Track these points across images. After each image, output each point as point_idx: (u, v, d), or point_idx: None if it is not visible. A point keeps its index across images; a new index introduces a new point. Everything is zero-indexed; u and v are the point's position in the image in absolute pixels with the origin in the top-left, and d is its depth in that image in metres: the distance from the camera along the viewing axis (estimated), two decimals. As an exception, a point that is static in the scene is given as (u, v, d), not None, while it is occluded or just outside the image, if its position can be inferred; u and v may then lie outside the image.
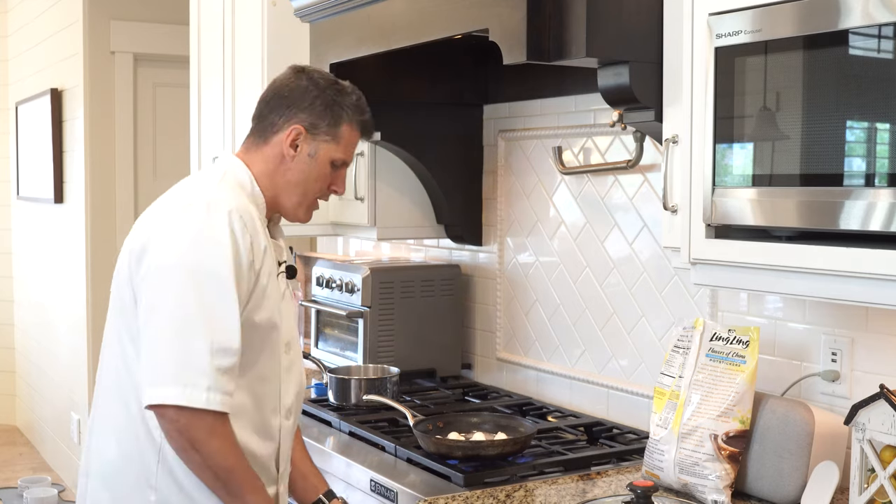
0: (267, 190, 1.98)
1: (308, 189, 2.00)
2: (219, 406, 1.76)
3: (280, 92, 1.99)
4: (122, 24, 5.37)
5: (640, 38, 2.11)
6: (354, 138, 2.02)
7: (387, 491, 2.21)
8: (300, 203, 2.01)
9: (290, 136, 1.96)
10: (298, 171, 1.98)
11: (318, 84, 1.98)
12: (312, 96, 1.97)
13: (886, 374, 2.00)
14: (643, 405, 2.57)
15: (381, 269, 3.15)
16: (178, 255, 1.80)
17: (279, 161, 1.98)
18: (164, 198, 1.96)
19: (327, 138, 1.98)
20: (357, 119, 2.01)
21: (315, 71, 2.03)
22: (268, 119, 1.99)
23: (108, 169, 5.40)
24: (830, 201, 1.62)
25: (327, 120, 1.97)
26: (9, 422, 7.12)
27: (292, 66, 2.04)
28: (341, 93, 1.99)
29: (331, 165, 2.00)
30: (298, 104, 1.97)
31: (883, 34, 1.53)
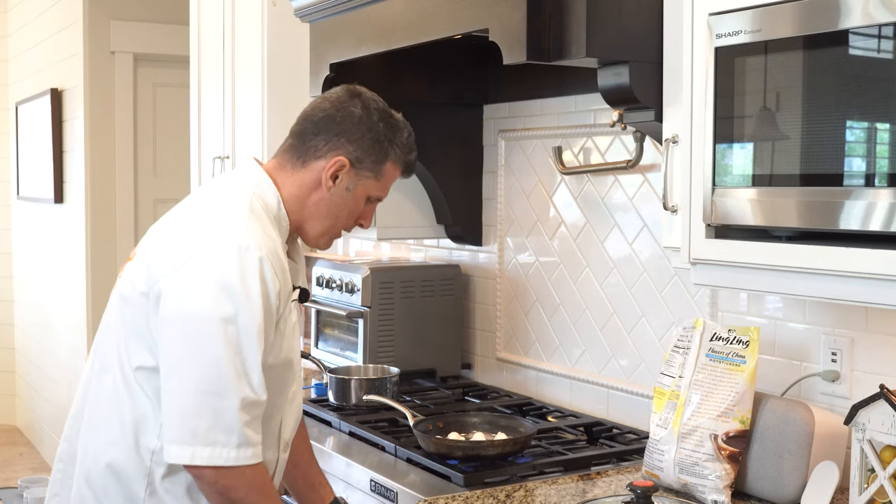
0: (293, 213, 1.89)
1: (338, 221, 1.92)
2: (250, 460, 1.71)
3: (332, 115, 1.88)
4: (122, 24, 5.37)
5: (640, 38, 2.11)
6: (395, 176, 1.94)
7: (387, 491, 2.21)
8: (325, 233, 1.93)
9: (333, 167, 1.86)
10: (332, 203, 1.89)
11: (372, 116, 1.88)
12: (365, 129, 1.87)
13: (886, 374, 2.00)
14: (643, 405, 2.57)
15: (381, 269, 3.15)
16: (208, 305, 1.69)
17: (314, 188, 1.88)
18: (186, 218, 1.84)
19: (369, 174, 1.89)
20: (403, 158, 1.93)
21: (371, 98, 1.91)
22: (311, 141, 1.88)
23: (108, 169, 5.40)
24: (830, 201, 1.62)
25: (374, 156, 1.88)
26: (9, 422, 7.12)
27: (347, 88, 1.93)
28: (393, 129, 1.91)
29: (365, 200, 1.92)
30: (348, 133, 1.86)
31: (883, 34, 1.53)
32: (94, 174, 5.37)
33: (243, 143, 3.48)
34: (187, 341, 1.71)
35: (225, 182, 1.93)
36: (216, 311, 1.69)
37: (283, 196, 1.88)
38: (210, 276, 1.71)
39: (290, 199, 1.88)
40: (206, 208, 1.85)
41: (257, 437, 1.73)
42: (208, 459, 1.69)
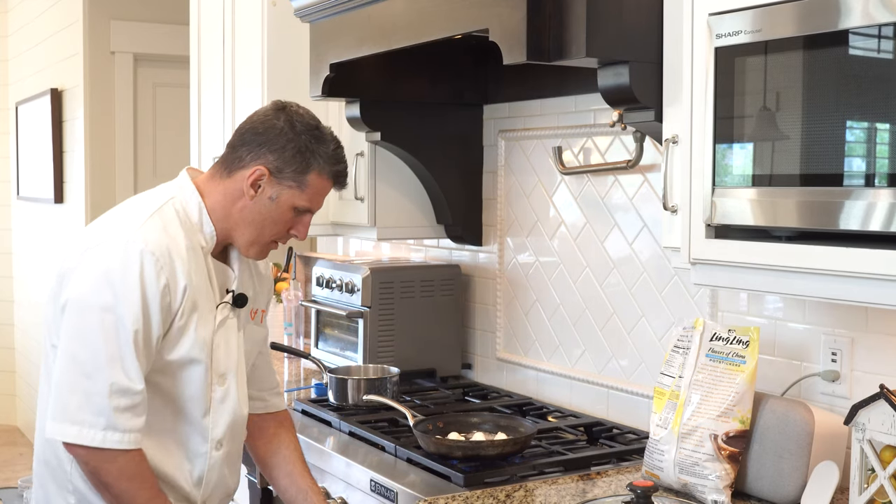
0: (219, 221, 1.96)
1: (263, 230, 1.97)
2: (117, 444, 1.81)
3: (255, 127, 1.96)
4: (122, 24, 5.37)
5: (640, 38, 2.11)
6: (323, 187, 1.98)
7: (387, 491, 2.21)
8: (253, 242, 1.99)
9: (253, 175, 1.93)
10: (255, 212, 1.95)
11: (295, 127, 1.93)
12: (286, 139, 1.93)
13: (886, 374, 2.00)
14: (643, 405, 2.57)
15: (381, 269, 3.15)
16: (89, 293, 1.82)
17: (237, 197, 1.95)
18: (104, 217, 1.98)
19: (292, 184, 1.94)
20: (329, 169, 1.97)
21: (296, 112, 1.97)
22: (237, 152, 1.96)
23: (108, 169, 5.40)
24: (830, 201, 1.62)
25: (295, 166, 1.93)
26: (9, 422, 7.12)
27: (274, 102, 2.00)
28: (317, 140, 1.95)
29: (293, 211, 1.97)
30: (269, 144, 1.93)
31: (883, 34, 1.53)
32: (94, 174, 5.37)
33: (243, 143, 3.47)
34: (70, 325, 1.83)
35: (153, 189, 2.05)
36: (96, 299, 1.82)
37: (208, 204, 1.97)
38: (96, 267, 1.84)
39: (216, 206, 1.97)
40: (120, 207, 2.00)
41: (132, 424, 1.82)
42: (76, 437, 1.80)
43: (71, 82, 5.59)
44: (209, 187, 1.98)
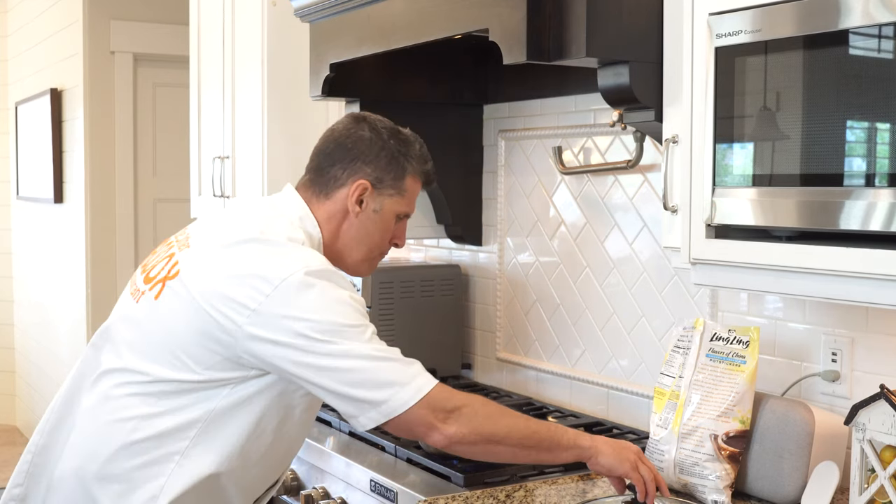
0: (328, 248, 1.92)
1: (373, 244, 1.95)
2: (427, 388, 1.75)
3: (343, 143, 1.92)
4: (122, 24, 5.37)
5: (640, 38, 2.11)
6: (418, 189, 1.98)
7: (387, 491, 2.21)
8: (364, 259, 1.97)
9: (356, 192, 1.90)
10: (362, 228, 1.93)
11: (382, 135, 1.92)
12: (378, 148, 1.91)
13: (886, 374, 2.00)
14: (643, 405, 2.57)
15: (381, 269, 3.15)
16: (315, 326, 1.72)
17: (343, 217, 1.92)
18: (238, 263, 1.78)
19: (392, 192, 1.93)
20: (421, 169, 1.96)
21: (376, 119, 1.96)
22: (329, 172, 1.92)
23: (108, 169, 5.40)
24: (830, 201, 1.62)
25: (392, 173, 1.92)
26: (9, 422, 7.12)
27: (352, 115, 1.98)
28: (405, 143, 1.94)
29: (395, 219, 1.96)
30: (363, 157, 1.90)
31: (883, 34, 1.53)
32: (94, 174, 5.37)
33: (243, 143, 3.48)
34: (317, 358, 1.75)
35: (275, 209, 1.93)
36: (322, 326, 1.75)
37: (322, 231, 1.92)
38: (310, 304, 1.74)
39: (326, 233, 1.92)
40: (260, 232, 1.83)
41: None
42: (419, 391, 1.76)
43: (71, 82, 5.59)
44: (315, 210, 1.92)
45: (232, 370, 1.77)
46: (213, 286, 1.76)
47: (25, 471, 1.91)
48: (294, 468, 2.63)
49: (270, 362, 1.75)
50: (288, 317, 1.72)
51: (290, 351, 1.72)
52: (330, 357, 1.72)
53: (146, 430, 1.77)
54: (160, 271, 1.87)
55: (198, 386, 1.77)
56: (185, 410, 1.77)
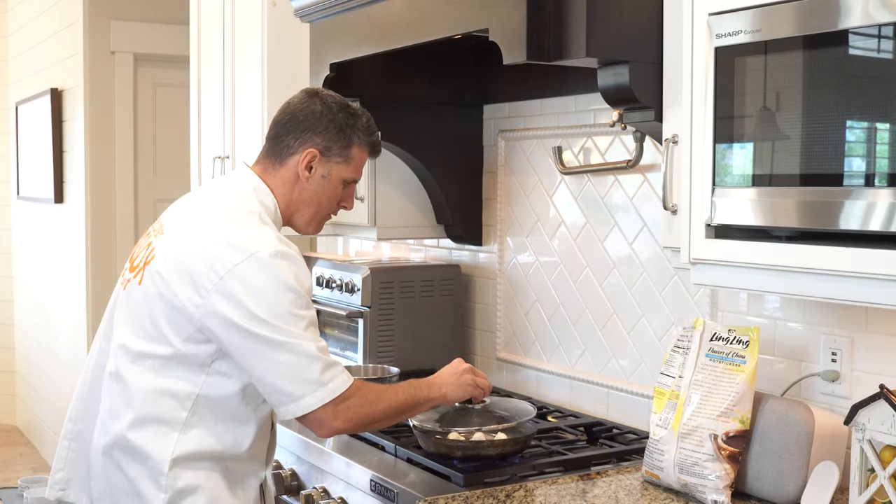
0: (284, 209, 2.14)
1: (321, 207, 2.16)
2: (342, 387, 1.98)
3: (295, 115, 2.13)
4: (122, 24, 5.37)
5: (640, 38, 2.11)
6: (364, 158, 2.18)
7: (387, 491, 2.21)
8: (312, 219, 2.18)
9: (306, 159, 2.10)
10: (312, 192, 2.13)
11: (332, 108, 2.12)
12: (327, 120, 2.11)
13: (886, 374, 2.00)
14: (643, 405, 2.57)
15: (381, 269, 3.15)
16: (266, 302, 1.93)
17: (294, 182, 2.13)
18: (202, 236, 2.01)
19: (339, 160, 2.13)
20: (367, 140, 2.16)
21: (328, 94, 2.16)
22: (283, 142, 2.12)
23: (108, 169, 5.40)
24: (830, 201, 1.62)
25: (340, 143, 2.12)
26: (9, 422, 7.12)
27: (305, 90, 2.18)
28: (353, 116, 2.14)
29: (343, 184, 2.16)
30: (314, 128, 2.11)
31: (883, 34, 1.53)
32: (94, 174, 5.37)
33: (243, 143, 3.48)
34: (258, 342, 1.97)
35: (231, 185, 2.16)
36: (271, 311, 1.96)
37: (276, 196, 2.13)
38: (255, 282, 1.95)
39: (280, 198, 2.13)
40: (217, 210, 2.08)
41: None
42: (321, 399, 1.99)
43: (71, 82, 5.59)
44: (272, 182, 2.13)
45: (207, 341, 1.96)
46: (179, 265, 1.97)
47: (65, 457, 2.15)
48: (294, 468, 2.63)
49: (221, 340, 1.94)
50: (239, 299, 1.91)
51: (236, 332, 1.92)
52: (270, 346, 1.91)
53: (152, 400, 1.98)
54: (141, 259, 2.08)
55: (185, 356, 1.97)
56: (182, 381, 1.97)
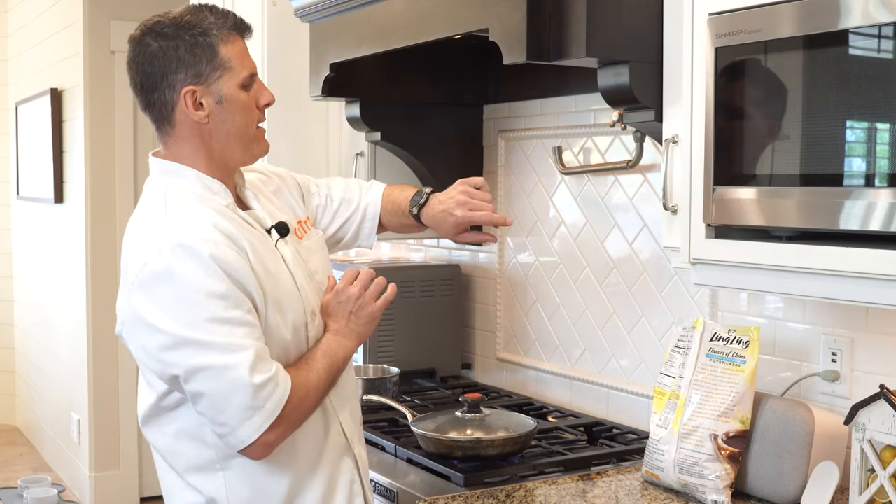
0: (212, 169, 1.82)
1: (244, 128, 1.83)
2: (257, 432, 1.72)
3: (142, 70, 1.78)
4: (122, 24, 5.36)
5: (640, 38, 2.11)
6: (240, 47, 1.82)
7: (387, 491, 2.21)
8: (248, 144, 1.85)
9: (187, 102, 1.77)
10: (222, 123, 1.80)
11: (168, 35, 1.76)
12: (173, 50, 1.76)
13: (886, 374, 2.00)
14: (643, 405, 2.57)
15: (381, 269, 3.15)
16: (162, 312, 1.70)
17: (198, 132, 1.80)
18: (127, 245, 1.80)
19: (218, 73, 1.78)
20: (226, 30, 1.79)
21: (153, 25, 1.79)
22: (154, 102, 1.80)
23: (108, 169, 5.39)
24: (830, 201, 1.62)
25: (203, 59, 1.77)
26: (9, 422, 7.12)
27: (131, 36, 1.81)
28: (193, 24, 1.77)
29: (243, 90, 1.81)
30: (168, 67, 1.76)
31: (883, 34, 1.53)
32: (94, 174, 5.37)
33: (243, 143, 3.47)
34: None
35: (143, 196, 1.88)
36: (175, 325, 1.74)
37: (190, 164, 1.82)
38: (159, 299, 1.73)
39: (196, 160, 1.82)
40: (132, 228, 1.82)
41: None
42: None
43: (71, 82, 5.59)
44: (176, 152, 1.83)
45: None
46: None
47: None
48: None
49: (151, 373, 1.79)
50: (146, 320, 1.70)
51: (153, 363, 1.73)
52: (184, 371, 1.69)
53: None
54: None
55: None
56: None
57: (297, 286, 1.86)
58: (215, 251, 1.70)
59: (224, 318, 1.68)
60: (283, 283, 1.83)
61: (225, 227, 1.76)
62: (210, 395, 1.69)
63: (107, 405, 5.29)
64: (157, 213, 1.78)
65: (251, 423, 1.69)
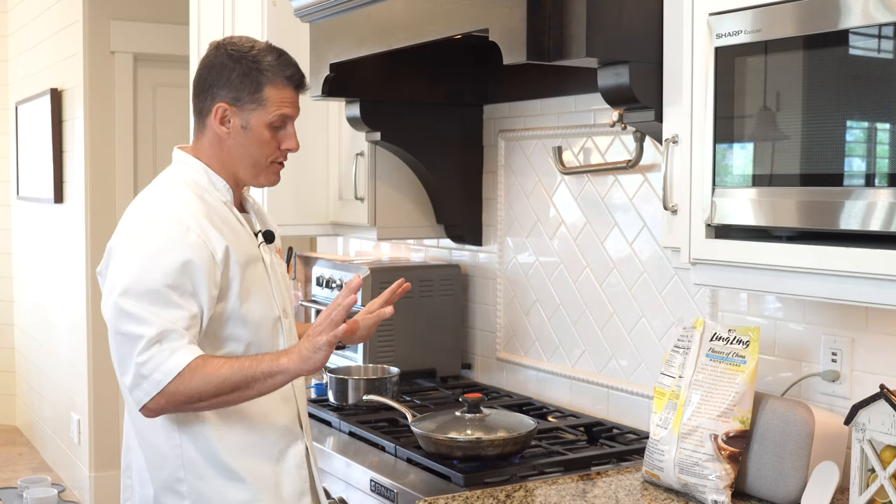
0: (222, 172, 2.05)
1: (257, 158, 2.04)
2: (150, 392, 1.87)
3: (201, 74, 2.05)
4: (122, 24, 5.37)
5: (640, 38, 2.11)
6: (285, 95, 2.03)
7: (387, 491, 2.21)
8: (256, 172, 2.06)
9: (217, 115, 2.01)
10: (239, 145, 2.03)
11: (233, 56, 2.01)
12: (229, 70, 2.00)
13: (886, 374, 2.00)
14: (643, 405, 2.57)
15: (381, 269, 3.15)
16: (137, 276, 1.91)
17: (218, 142, 2.04)
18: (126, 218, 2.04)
19: (253, 106, 2.01)
20: (280, 76, 2.02)
21: (231, 43, 2.05)
22: (198, 104, 2.05)
23: (108, 169, 5.39)
24: (830, 201, 1.62)
25: (248, 89, 2.00)
26: (9, 422, 7.12)
27: (211, 43, 2.07)
28: (255, 59, 2.01)
29: (270, 129, 2.03)
30: (217, 83, 2.01)
31: (883, 34, 1.53)
32: (94, 174, 5.36)
33: (243, 143, 3.47)
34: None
35: (157, 179, 2.10)
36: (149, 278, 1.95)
37: (206, 162, 2.05)
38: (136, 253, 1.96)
39: (211, 160, 2.05)
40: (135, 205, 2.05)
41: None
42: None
43: (71, 82, 5.58)
44: (199, 148, 2.07)
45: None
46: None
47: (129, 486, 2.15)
48: (294, 468, 2.63)
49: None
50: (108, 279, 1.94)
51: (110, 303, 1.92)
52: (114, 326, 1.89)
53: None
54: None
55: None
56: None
57: (271, 284, 2.06)
58: (180, 234, 1.91)
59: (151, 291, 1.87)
60: (260, 278, 2.03)
61: (213, 220, 1.97)
62: (117, 358, 1.91)
63: (107, 405, 5.29)
64: (157, 192, 2.02)
65: (140, 389, 1.86)
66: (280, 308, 2.07)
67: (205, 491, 1.97)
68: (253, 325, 2.00)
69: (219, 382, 1.87)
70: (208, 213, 1.97)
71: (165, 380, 1.84)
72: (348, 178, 3.19)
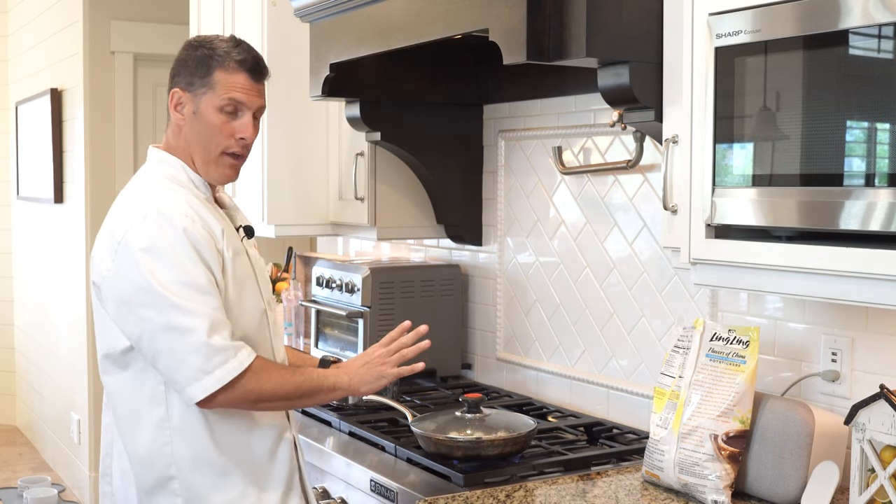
0: (189, 162, 2.06)
1: (208, 144, 2.03)
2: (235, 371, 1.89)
3: (172, 66, 2.07)
4: (122, 24, 5.37)
5: (640, 38, 2.11)
6: (236, 80, 2.01)
7: (387, 491, 2.21)
8: (206, 161, 2.05)
9: (172, 100, 2.03)
10: (193, 132, 2.03)
11: (193, 45, 2.05)
12: (186, 58, 2.04)
13: (886, 374, 2.00)
14: (643, 405, 2.57)
15: (381, 269, 3.15)
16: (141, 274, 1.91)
17: (178, 131, 2.05)
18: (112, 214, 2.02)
19: (204, 90, 2.00)
20: (231, 60, 2.01)
21: (198, 37, 2.08)
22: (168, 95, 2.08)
23: (108, 169, 5.40)
24: (830, 201, 1.62)
25: (199, 73, 2.01)
26: (9, 422, 7.12)
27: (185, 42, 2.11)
28: (212, 46, 2.03)
29: (221, 114, 2.01)
30: (177, 71, 2.05)
31: (883, 34, 1.53)
32: (94, 174, 5.37)
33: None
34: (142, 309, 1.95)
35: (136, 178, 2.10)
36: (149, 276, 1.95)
37: (179, 156, 2.06)
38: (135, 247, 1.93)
39: (176, 152, 2.07)
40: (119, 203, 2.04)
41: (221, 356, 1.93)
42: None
43: (71, 82, 5.59)
44: (167, 142, 2.09)
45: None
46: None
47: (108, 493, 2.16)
48: (294, 468, 2.63)
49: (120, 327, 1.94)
50: (124, 278, 1.90)
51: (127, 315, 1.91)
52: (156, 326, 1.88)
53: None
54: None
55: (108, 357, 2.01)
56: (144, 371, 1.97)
57: (255, 276, 2.10)
58: (189, 226, 1.92)
59: (188, 283, 1.88)
60: (246, 270, 2.06)
61: (201, 211, 1.99)
62: (167, 354, 1.87)
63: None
64: (146, 187, 2.02)
65: (200, 384, 1.87)
66: (265, 300, 2.11)
67: (197, 487, 1.98)
68: (246, 315, 2.02)
69: (292, 388, 1.96)
70: (198, 205, 2.00)
71: (229, 377, 1.87)
72: (348, 178, 3.19)
